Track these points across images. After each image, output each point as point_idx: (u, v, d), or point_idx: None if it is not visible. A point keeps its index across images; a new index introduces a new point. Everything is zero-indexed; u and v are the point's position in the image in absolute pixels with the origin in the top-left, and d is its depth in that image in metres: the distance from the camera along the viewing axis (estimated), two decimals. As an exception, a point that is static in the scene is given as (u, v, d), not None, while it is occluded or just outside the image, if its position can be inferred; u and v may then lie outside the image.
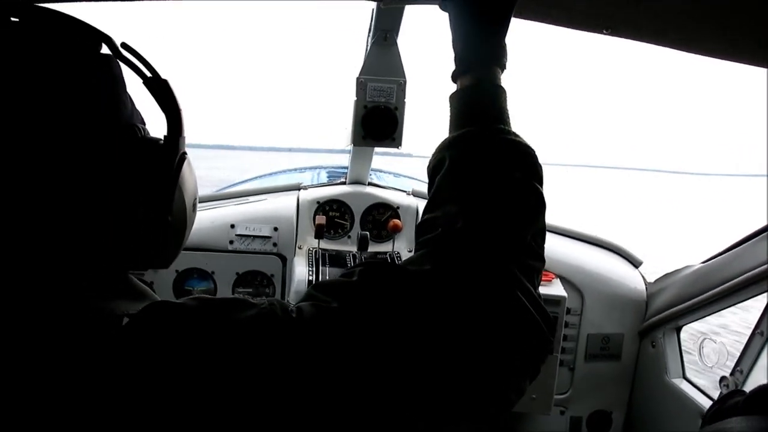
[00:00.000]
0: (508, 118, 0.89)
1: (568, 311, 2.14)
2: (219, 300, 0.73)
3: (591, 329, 2.21)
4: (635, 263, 2.32)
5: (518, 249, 0.83)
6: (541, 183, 0.86)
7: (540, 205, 0.86)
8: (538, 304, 0.80)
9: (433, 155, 0.91)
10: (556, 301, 2.02)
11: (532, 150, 0.87)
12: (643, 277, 2.28)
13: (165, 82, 0.78)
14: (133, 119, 0.77)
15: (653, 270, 2.34)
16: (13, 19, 0.69)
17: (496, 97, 0.90)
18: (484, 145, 0.86)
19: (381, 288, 0.75)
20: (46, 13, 0.70)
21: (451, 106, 0.93)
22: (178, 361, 0.65)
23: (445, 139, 0.90)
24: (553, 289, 2.07)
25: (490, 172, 0.84)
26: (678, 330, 2.11)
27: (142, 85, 0.78)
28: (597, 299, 2.20)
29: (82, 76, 0.70)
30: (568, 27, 1.46)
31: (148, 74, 0.77)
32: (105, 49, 0.75)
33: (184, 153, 0.81)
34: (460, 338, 0.73)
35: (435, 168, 0.90)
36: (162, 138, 0.78)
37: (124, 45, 0.74)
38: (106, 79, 0.73)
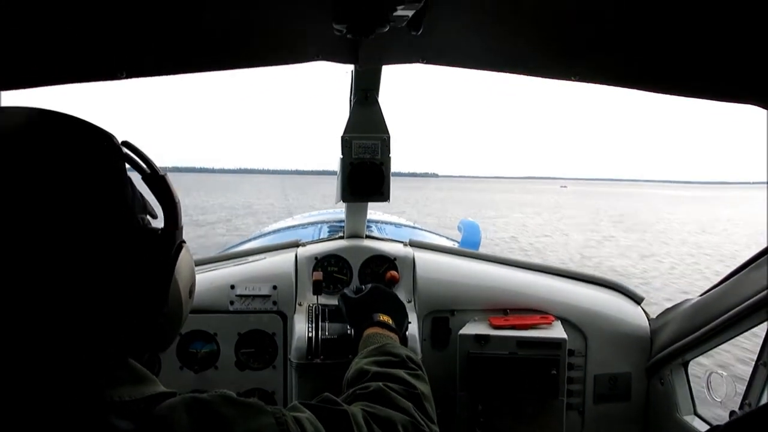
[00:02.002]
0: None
1: (572, 353, 2.13)
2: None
3: (597, 370, 2.18)
4: (637, 300, 2.31)
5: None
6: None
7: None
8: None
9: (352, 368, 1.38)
10: (556, 344, 2.01)
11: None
12: (645, 313, 2.26)
13: (162, 178, 0.84)
14: (135, 209, 0.81)
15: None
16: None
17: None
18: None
19: None
20: (53, 115, 0.76)
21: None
22: None
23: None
24: (553, 332, 2.07)
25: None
26: (685, 365, 2.08)
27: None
28: (601, 339, 2.19)
29: (88, 173, 0.75)
30: (537, 76, 1.51)
31: (147, 170, 0.83)
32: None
33: (182, 242, 0.88)
34: None
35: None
36: (160, 229, 0.83)
37: (125, 143, 0.80)
38: (110, 175, 0.78)
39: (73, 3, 1.08)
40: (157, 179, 0.85)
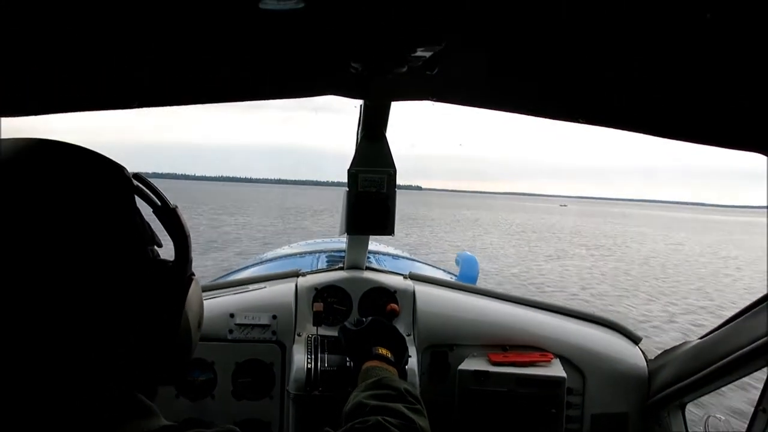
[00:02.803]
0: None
1: (570, 391, 2.12)
2: None
3: (595, 409, 2.18)
4: (635, 340, 2.31)
5: None
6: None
7: None
8: None
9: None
10: (555, 382, 2.00)
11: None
12: (643, 353, 2.26)
13: (173, 211, 0.84)
14: (145, 241, 0.82)
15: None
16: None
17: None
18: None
19: None
20: (66, 147, 0.77)
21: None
22: None
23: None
24: (553, 370, 2.06)
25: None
26: (683, 407, 2.08)
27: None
28: (599, 378, 2.18)
29: (100, 206, 0.76)
30: (544, 117, 1.54)
31: (159, 203, 0.83)
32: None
33: (192, 275, 0.88)
34: None
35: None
36: (171, 261, 0.83)
37: (136, 176, 0.81)
38: (127, 208, 0.79)
39: (91, 36, 1.09)
40: (168, 212, 0.85)
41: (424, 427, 1.26)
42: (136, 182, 0.82)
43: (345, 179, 1.86)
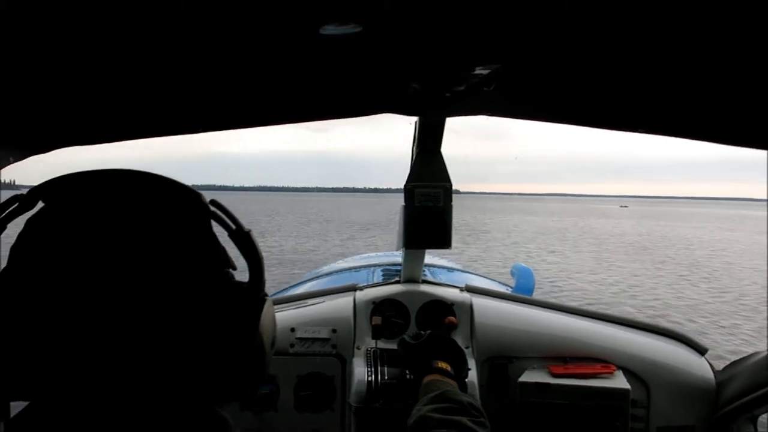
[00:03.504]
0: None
1: (634, 404, 2.08)
2: None
3: (660, 422, 2.13)
4: (701, 350, 2.25)
5: None
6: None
7: None
8: None
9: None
10: (620, 394, 1.97)
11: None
12: (710, 364, 2.20)
13: (248, 234, 0.88)
14: (222, 264, 0.85)
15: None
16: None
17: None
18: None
19: None
20: (152, 177, 0.82)
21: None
22: None
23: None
24: (616, 381, 2.03)
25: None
26: (754, 421, 2.01)
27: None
28: (664, 390, 2.13)
29: (188, 232, 0.81)
30: (603, 129, 1.54)
31: (233, 226, 0.87)
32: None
33: (265, 295, 0.90)
34: None
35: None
36: (245, 282, 0.87)
37: (213, 202, 0.85)
38: (206, 233, 0.83)
39: (157, 64, 1.15)
40: (242, 235, 0.89)
41: None
42: (212, 207, 0.86)
43: (378, 185, 1.88)
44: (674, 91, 1.29)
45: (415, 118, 1.76)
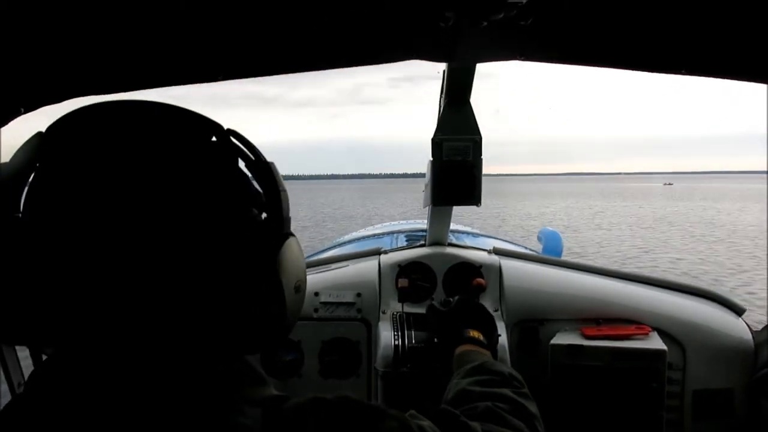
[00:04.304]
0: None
1: (670, 366, 2.01)
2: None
3: (697, 385, 2.06)
4: (738, 311, 2.17)
5: None
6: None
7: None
8: None
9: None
10: (656, 355, 1.91)
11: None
12: (748, 325, 2.12)
13: (267, 166, 0.82)
14: (247, 202, 0.79)
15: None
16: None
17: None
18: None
19: None
20: (164, 107, 0.76)
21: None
22: None
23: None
24: (652, 342, 1.96)
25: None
26: None
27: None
28: (700, 352, 2.06)
29: (205, 167, 0.75)
30: (644, 71, 1.46)
31: (252, 158, 0.81)
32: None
33: (287, 234, 0.83)
34: None
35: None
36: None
37: (231, 131, 0.78)
38: (225, 168, 0.77)
39: (175, 12, 1.10)
40: (260, 166, 0.82)
41: (534, 412, 1.20)
42: (233, 139, 0.80)
43: (396, 171, 1.81)
44: (718, 28, 1.21)
45: (443, 66, 1.68)
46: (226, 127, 0.79)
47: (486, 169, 1.79)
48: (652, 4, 1.15)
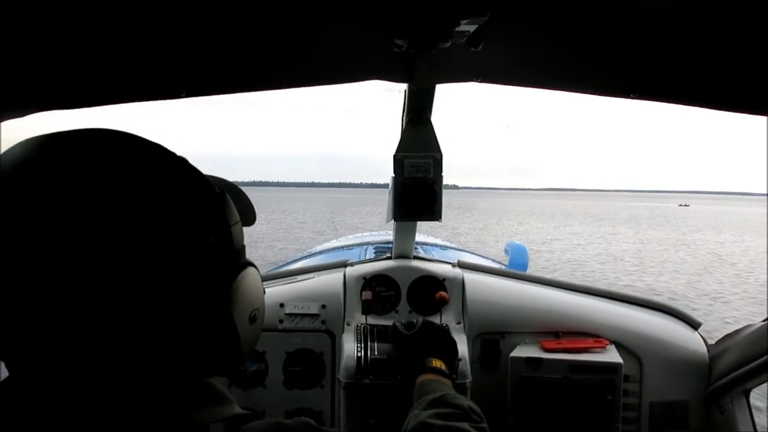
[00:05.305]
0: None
1: (627, 378, 2.06)
2: None
3: (653, 397, 2.11)
4: (694, 325, 2.23)
5: None
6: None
7: None
8: None
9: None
10: (611, 368, 1.96)
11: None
12: (703, 339, 2.18)
13: (219, 196, 0.83)
14: (206, 231, 0.79)
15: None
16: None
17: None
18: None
19: None
20: (119, 135, 0.77)
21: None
22: None
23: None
24: (608, 356, 2.01)
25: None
26: (746, 394, 1.99)
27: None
28: (656, 364, 2.12)
29: (162, 197, 0.75)
30: (595, 95, 1.50)
31: (205, 187, 0.81)
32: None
33: (244, 264, 0.85)
34: None
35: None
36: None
37: (182, 160, 0.80)
38: (185, 199, 0.78)
39: (136, 26, 1.11)
40: (213, 196, 0.82)
41: None
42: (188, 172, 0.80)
43: (371, 181, 1.84)
44: (676, 53, 1.25)
45: (404, 86, 1.72)
46: (178, 155, 0.80)
47: (499, 182, 1.76)
48: (598, 28, 1.19)
